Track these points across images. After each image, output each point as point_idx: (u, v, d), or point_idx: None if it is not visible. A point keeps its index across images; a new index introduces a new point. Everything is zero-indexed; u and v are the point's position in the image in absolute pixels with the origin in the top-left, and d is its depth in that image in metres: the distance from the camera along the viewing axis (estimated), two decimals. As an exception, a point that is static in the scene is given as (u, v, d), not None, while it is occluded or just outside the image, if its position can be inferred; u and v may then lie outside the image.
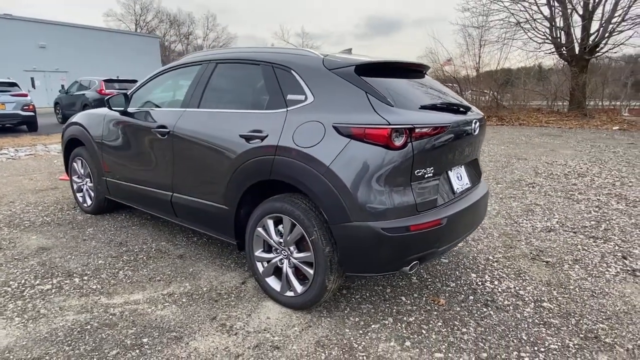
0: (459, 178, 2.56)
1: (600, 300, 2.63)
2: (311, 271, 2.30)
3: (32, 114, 11.28)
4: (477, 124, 2.55)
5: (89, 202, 4.07)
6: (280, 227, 2.47)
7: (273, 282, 2.55)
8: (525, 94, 18.20)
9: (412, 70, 2.73)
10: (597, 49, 15.29)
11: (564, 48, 16.16)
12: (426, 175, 2.22)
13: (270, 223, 2.47)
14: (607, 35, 14.71)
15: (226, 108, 2.77)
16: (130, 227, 3.83)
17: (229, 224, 2.69)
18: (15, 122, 11.17)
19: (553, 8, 15.87)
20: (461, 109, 2.50)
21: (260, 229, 2.53)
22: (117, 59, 25.68)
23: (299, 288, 2.39)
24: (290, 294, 2.45)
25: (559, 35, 16.14)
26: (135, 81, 13.34)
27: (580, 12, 15.43)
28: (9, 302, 2.52)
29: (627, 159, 7.86)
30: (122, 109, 3.36)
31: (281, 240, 2.44)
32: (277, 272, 2.54)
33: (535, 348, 2.15)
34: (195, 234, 3.68)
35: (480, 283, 2.86)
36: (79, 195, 4.22)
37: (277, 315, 2.40)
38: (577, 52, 15.70)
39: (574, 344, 2.18)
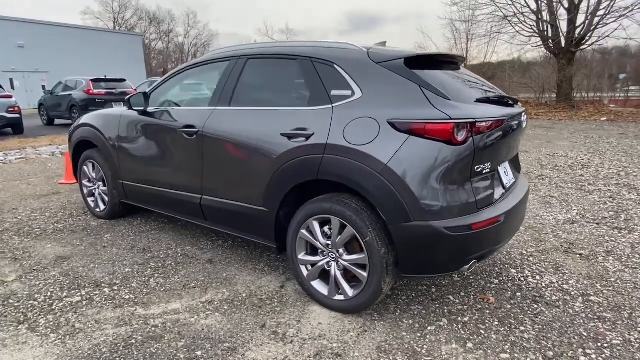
0: (505, 173, 2.50)
1: (646, 292, 2.62)
2: (364, 273, 2.21)
3: (17, 116, 10.85)
4: (525, 116, 2.49)
5: (101, 206, 3.89)
6: (326, 228, 2.37)
7: (319, 286, 2.45)
8: (512, 86, 18.45)
9: (450, 63, 2.65)
10: (583, 42, 15.54)
11: (550, 41, 16.39)
12: (484, 171, 2.15)
13: (316, 225, 2.37)
14: (592, 28, 14.97)
15: (262, 106, 2.64)
16: (149, 231, 3.67)
17: (269, 227, 2.58)
18: (0, 125, 10.73)
19: (539, 1, 16.06)
20: (510, 102, 2.44)
21: (304, 231, 2.43)
22: (99, 58, 24.94)
23: (350, 291, 2.30)
24: (339, 297, 2.35)
25: (545, 29, 16.36)
26: (123, 80, 12.99)
27: (566, 6, 15.67)
28: (39, 317, 2.36)
29: (622, 149, 8.00)
30: (142, 108, 3.20)
31: (328, 242, 2.34)
32: (323, 275, 2.45)
33: (599, 344, 2.11)
34: (219, 237, 3.55)
35: (522, 279, 2.82)
36: (90, 200, 4.03)
37: (328, 321, 2.31)
38: (563, 45, 15.95)
39: (635, 339, 2.15)
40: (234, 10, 74.18)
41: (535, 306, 2.48)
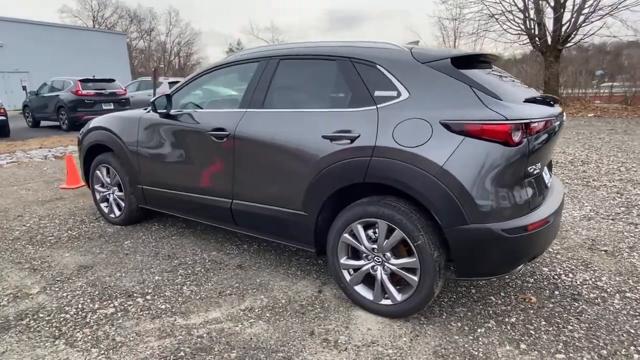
0: (545, 172, 2.51)
1: (679, 287, 2.67)
2: (415, 277, 2.18)
3: (3, 118, 10.48)
4: (564, 116, 2.50)
5: (117, 212, 3.77)
6: (370, 232, 2.33)
7: (363, 291, 2.41)
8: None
9: (485, 62, 2.64)
10: (570, 39, 15.86)
11: (537, 39, 16.67)
12: (535, 172, 2.15)
13: (360, 228, 2.33)
14: (578, 26, 15.28)
15: (299, 107, 2.59)
16: (170, 237, 3.57)
17: (308, 231, 2.53)
18: (-14, 128, 10.35)
19: (526, 0, 16.31)
20: (551, 102, 2.45)
21: (347, 235, 2.38)
22: (82, 58, 24.23)
23: (398, 296, 2.27)
24: (386, 302, 2.32)
25: (532, 27, 16.63)
26: (112, 80, 12.69)
27: (552, 4, 15.95)
28: (75, 330, 2.26)
29: (616, 145, 8.19)
30: (165, 111, 3.10)
31: (373, 246, 2.31)
32: (366, 279, 2.41)
33: (648, 341, 2.13)
34: (243, 241, 3.48)
35: (556, 277, 2.84)
36: (103, 205, 3.90)
37: (377, 326, 2.28)
38: (550, 42, 16.24)
39: (682, 334, 2.18)
40: (215, 9, 73.27)
41: (576, 304, 2.49)
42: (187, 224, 3.88)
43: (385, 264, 2.29)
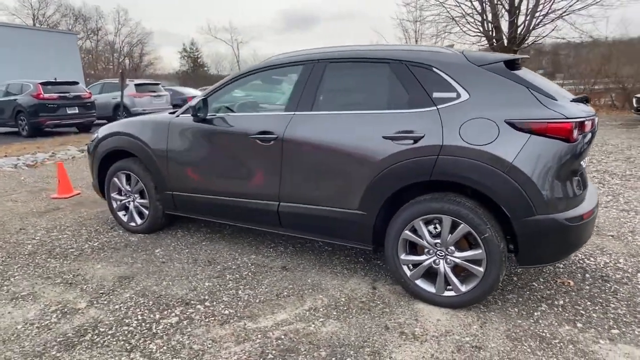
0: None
1: (688, 264, 3.00)
2: (480, 268, 2.32)
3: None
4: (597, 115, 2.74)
5: (138, 220, 3.64)
6: (430, 227, 2.45)
7: (423, 284, 2.52)
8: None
9: (519, 65, 2.80)
10: (525, 41, 16.89)
11: (494, 41, 17.61)
12: (583, 166, 2.35)
13: (422, 224, 2.44)
14: (531, 28, 16.32)
15: (353, 109, 2.65)
16: (200, 243, 3.51)
17: (366, 229, 2.61)
18: None
19: (484, 3, 17.19)
20: (585, 102, 2.67)
21: (408, 232, 2.48)
22: (31, 59, 22.58)
23: (462, 287, 2.40)
24: (449, 293, 2.44)
25: (490, 29, 17.55)
26: (76, 83, 12.04)
27: (507, 8, 16.92)
28: (146, 342, 2.20)
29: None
30: (202, 115, 3.05)
31: (436, 241, 2.42)
32: (425, 273, 2.52)
33: (682, 313, 2.40)
34: (278, 243, 3.48)
35: (580, 261, 3.10)
36: (121, 214, 3.75)
37: (444, 317, 2.40)
38: (506, 44, 17.20)
39: None
40: (166, 8, 70.77)
41: (609, 285, 2.74)
42: (212, 228, 3.83)
43: (448, 257, 2.41)
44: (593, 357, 2.03)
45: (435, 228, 2.44)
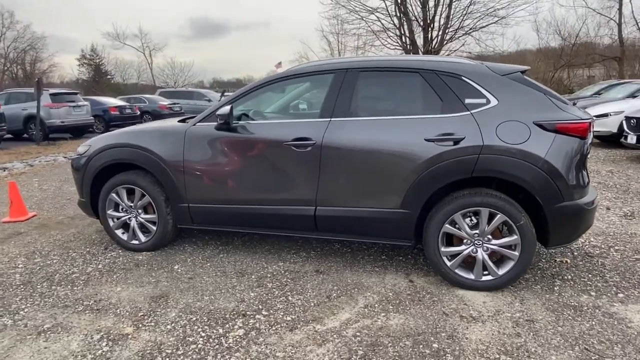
0: None
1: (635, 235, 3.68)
2: (516, 252, 2.64)
3: None
4: None
5: (142, 238, 3.40)
6: (467, 220, 2.72)
7: (462, 272, 2.78)
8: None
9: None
10: (438, 54, 18.63)
11: (411, 53, 19.14)
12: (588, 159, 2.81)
13: (461, 217, 2.70)
14: (445, 43, 18.11)
15: (389, 115, 2.84)
16: (217, 255, 3.39)
17: (409, 226, 2.79)
18: None
19: (401, 19, 18.63)
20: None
21: (448, 225, 2.73)
22: None
23: (499, 270, 2.70)
24: (487, 278, 2.73)
25: (407, 43, 19.05)
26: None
27: (422, 24, 18.55)
28: (232, 357, 2.13)
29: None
30: (230, 124, 2.98)
31: (475, 231, 2.70)
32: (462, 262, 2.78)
33: (658, 275, 2.96)
34: (297, 249, 3.49)
35: (564, 243, 3.61)
36: (119, 232, 3.46)
37: (486, 299, 2.67)
38: (423, 56, 18.82)
39: (670, 268, 3.08)
40: (61, 12, 64.20)
41: (594, 259, 3.27)
42: (221, 241, 3.71)
43: (485, 245, 2.70)
44: (618, 317, 2.45)
45: (472, 220, 2.72)
